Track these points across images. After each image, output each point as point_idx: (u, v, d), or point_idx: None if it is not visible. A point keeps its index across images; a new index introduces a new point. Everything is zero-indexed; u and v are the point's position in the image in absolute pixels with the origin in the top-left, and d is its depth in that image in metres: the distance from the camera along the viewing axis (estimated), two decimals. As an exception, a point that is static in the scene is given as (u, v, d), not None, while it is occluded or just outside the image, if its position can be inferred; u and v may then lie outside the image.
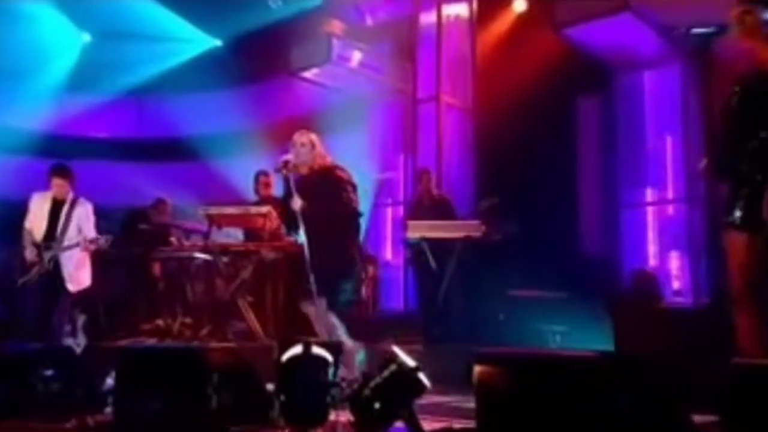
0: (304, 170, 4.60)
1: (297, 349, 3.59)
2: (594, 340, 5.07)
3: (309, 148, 4.59)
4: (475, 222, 6.69)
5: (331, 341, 4.02)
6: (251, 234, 6.65)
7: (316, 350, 3.59)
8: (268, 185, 7.00)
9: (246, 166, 7.63)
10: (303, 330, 4.63)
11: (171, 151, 9.62)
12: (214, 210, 6.41)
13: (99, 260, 6.15)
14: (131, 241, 6.95)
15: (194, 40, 10.30)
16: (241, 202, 7.23)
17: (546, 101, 7.59)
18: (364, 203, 5.11)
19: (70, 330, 6.24)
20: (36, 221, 5.97)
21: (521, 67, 7.84)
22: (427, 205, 7.26)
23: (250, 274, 6.18)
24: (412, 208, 7.52)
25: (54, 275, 5.81)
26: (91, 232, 5.89)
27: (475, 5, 8.73)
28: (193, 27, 10.10)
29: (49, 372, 4.14)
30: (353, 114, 8.83)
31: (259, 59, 9.38)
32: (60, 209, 5.96)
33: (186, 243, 6.92)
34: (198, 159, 9.48)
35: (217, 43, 10.31)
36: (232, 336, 6.13)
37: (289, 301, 5.82)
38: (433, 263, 6.69)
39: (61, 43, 10.12)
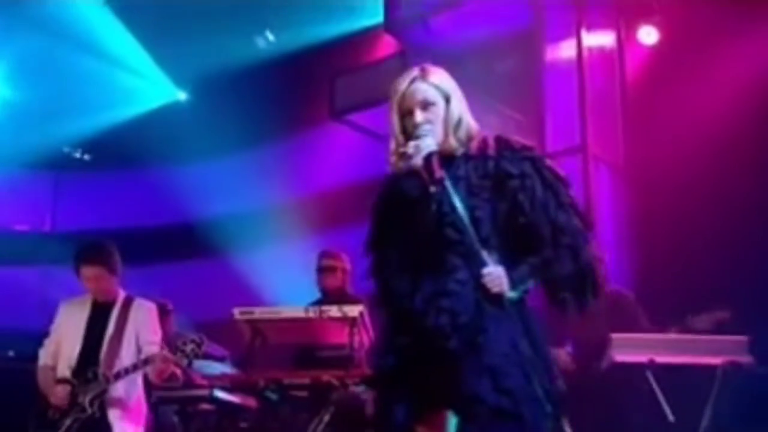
0: None
1: None
2: None
3: None
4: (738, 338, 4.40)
5: None
6: (322, 357, 4.85)
7: None
8: (333, 271, 5.33)
9: (276, 258, 6.13)
10: None
11: (164, 241, 7.21)
12: (261, 314, 4.62)
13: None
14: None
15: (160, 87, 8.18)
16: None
17: (738, 150, 5.37)
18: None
19: None
20: (67, 341, 4.29)
21: (696, 105, 5.74)
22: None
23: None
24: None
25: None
26: (154, 346, 4.25)
27: (623, 32, 6.71)
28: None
29: None
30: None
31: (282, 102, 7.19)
32: (105, 317, 4.29)
33: (199, 376, 4.96)
34: (208, 251, 7.10)
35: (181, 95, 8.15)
36: None
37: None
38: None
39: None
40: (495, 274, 2.44)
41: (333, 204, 6.62)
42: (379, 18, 6.96)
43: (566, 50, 6.48)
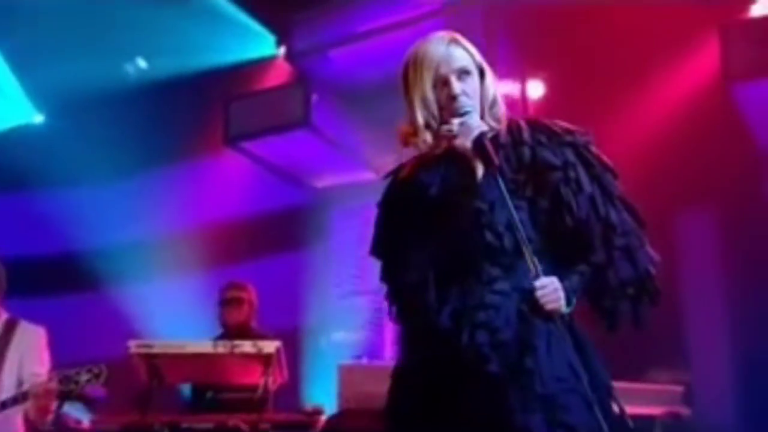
0: None
1: None
2: None
3: None
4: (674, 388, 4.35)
5: None
6: (230, 399, 4.35)
7: None
8: (240, 303, 4.90)
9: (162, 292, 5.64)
10: None
11: (41, 272, 6.33)
12: (161, 348, 4.13)
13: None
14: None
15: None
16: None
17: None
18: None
19: None
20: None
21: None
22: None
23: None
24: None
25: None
26: (39, 378, 3.65)
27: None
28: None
29: None
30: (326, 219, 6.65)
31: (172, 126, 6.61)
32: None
33: (80, 420, 4.34)
34: (87, 284, 6.43)
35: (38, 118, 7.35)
36: None
37: None
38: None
39: None
40: (551, 288, 2.00)
41: (224, 237, 6.18)
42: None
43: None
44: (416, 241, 2.11)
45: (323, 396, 5.58)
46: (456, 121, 2.10)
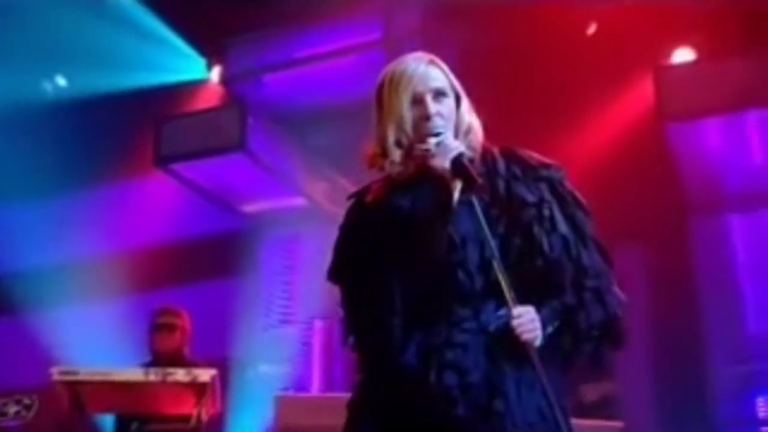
0: None
1: None
2: None
3: None
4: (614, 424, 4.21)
5: None
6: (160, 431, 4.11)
7: None
8: (172, 330, 4.67)
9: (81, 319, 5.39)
10: None
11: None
12: (87, 375, 3.92)
13: None
14: None
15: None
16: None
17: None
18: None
19: None
20: None
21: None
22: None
23: None
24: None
25: None
26: None
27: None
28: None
29: None
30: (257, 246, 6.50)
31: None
32: None
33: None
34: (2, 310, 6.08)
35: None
36: None
37: None
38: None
39: None
40: (527, 317, 1.87)
41: (150, 262, 5.93)
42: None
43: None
44: (383, 267, 1.95)
45: (248, 429, 5.40)
46: (432, 140, 1.99)
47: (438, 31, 5.51)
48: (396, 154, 2.04)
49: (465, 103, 2.12)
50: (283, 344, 6.13)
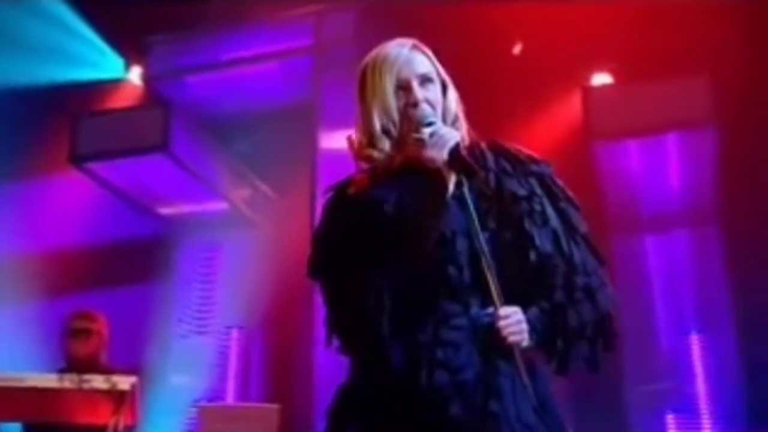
0: None
1: None
2: None
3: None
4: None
5: None
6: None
7: None
8: (88, 335, 4.46)
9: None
10: None
11: None
12: None
13: None
14: None
15: None
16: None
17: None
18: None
19: None
20: None
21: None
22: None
23: None
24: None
25: None
26: None
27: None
28: None
29: None
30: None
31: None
32: None
33: None
34: None
35: None
36: None
37: None
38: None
39: None
40: (514, 318, 1.82)
41: (61, 265, 5.63)
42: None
43: (339, 141, 6.08)
44: (369, 262, 1.84)
45: (160, 442, 5.18)
46: (427, 130, 1.90)
47: (371, 40, 5.45)
48: (385, 143, 1.96)
49: (451, 91, 2.05)
50: (198, 354, 5.92)
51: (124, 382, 3.81)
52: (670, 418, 5.90)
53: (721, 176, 5.40)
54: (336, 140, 5.70)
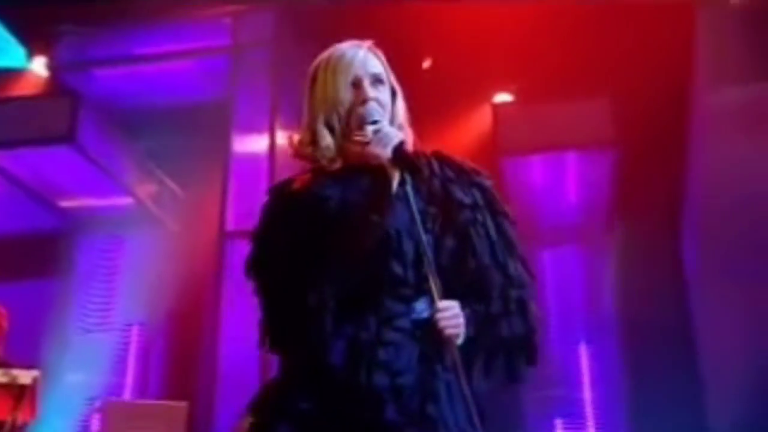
0: None
1: None
2: None
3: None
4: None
5: None
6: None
7: None
8: None
9: None
10: None
11: None
12: None
13: None
14: None
15: None
16: None
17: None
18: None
19: None
20: None
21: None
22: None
23: None
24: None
25: None
26: None
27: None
28: None
29: None
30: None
31: None
32: None
33: None
34: None
35: None
36: None
37: None
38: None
39: None
40: (452, 312, 1.79)
41: None
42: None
43: (254, 143, 5.85)
44: (311, 259, 1.81)
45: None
46: (370, 128, 1.90)
47: (288, 43, 5.50)
48: (327, 139, 1.96)
49: (400, 99, 2.05)
50: (96, 351, 5.81)
51: (26, 377, 3.73)
52: (558, 423, 6.19)
53: (617, 193, 5.66)
54: (249, 141, 5.77)
